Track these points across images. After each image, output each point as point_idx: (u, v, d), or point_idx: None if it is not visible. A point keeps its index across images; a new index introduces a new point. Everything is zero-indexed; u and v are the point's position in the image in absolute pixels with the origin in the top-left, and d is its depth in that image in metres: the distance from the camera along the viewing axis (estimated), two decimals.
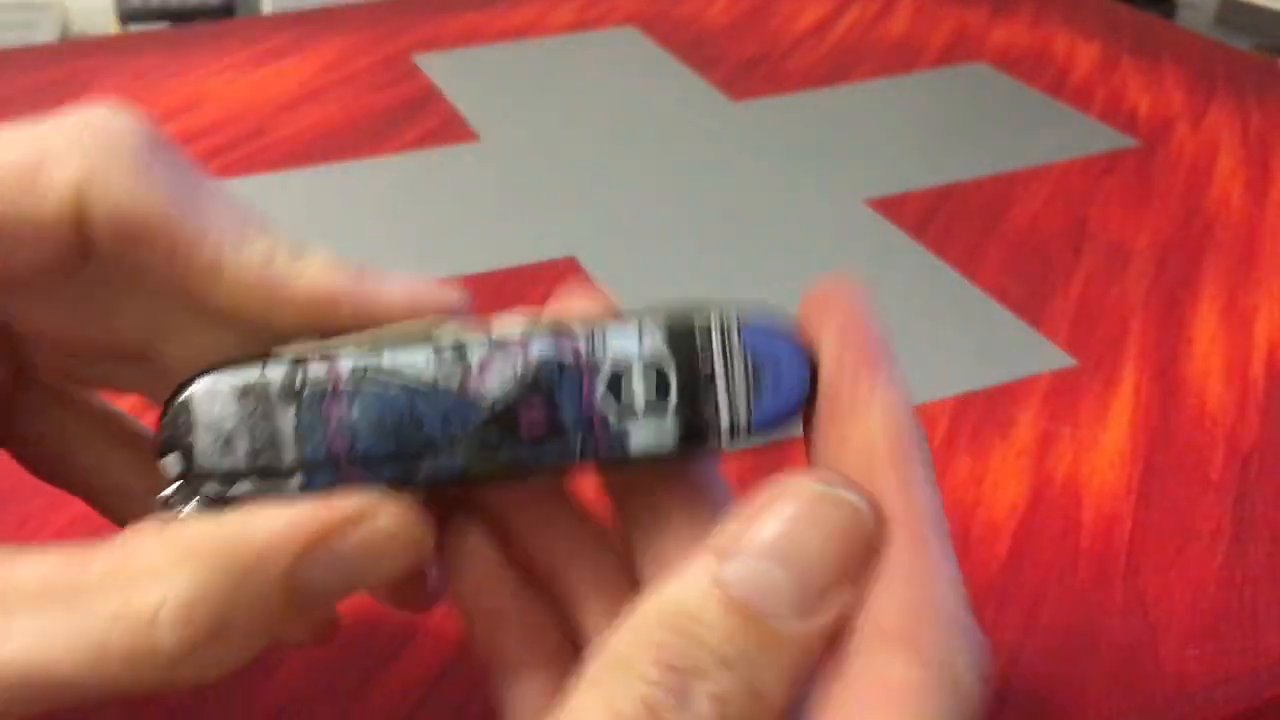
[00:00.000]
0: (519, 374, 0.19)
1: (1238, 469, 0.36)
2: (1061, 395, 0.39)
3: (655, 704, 0.16)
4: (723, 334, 0.19)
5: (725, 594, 0.16)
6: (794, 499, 0.17)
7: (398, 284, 0.21)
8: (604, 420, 0.19)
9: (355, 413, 0.19)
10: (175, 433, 0.19)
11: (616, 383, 0.19)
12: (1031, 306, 0.44)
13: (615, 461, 0.19)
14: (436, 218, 0.50)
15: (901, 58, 0.68)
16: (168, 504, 0.19)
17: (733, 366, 0.19)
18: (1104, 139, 0.58)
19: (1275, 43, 2.11)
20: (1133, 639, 0.30)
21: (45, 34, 1.97)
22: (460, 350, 0.19)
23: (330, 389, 0.19)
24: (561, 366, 0.19)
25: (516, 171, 0.54)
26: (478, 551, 0.20)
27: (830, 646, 0.17)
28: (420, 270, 0.46)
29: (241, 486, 0.19)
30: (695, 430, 0.19)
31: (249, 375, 0.19)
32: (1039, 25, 0.73)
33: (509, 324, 0.19)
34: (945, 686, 0.17)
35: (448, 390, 0.19)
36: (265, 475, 0.19)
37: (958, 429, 0.38)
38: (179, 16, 2.04)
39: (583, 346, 0.19)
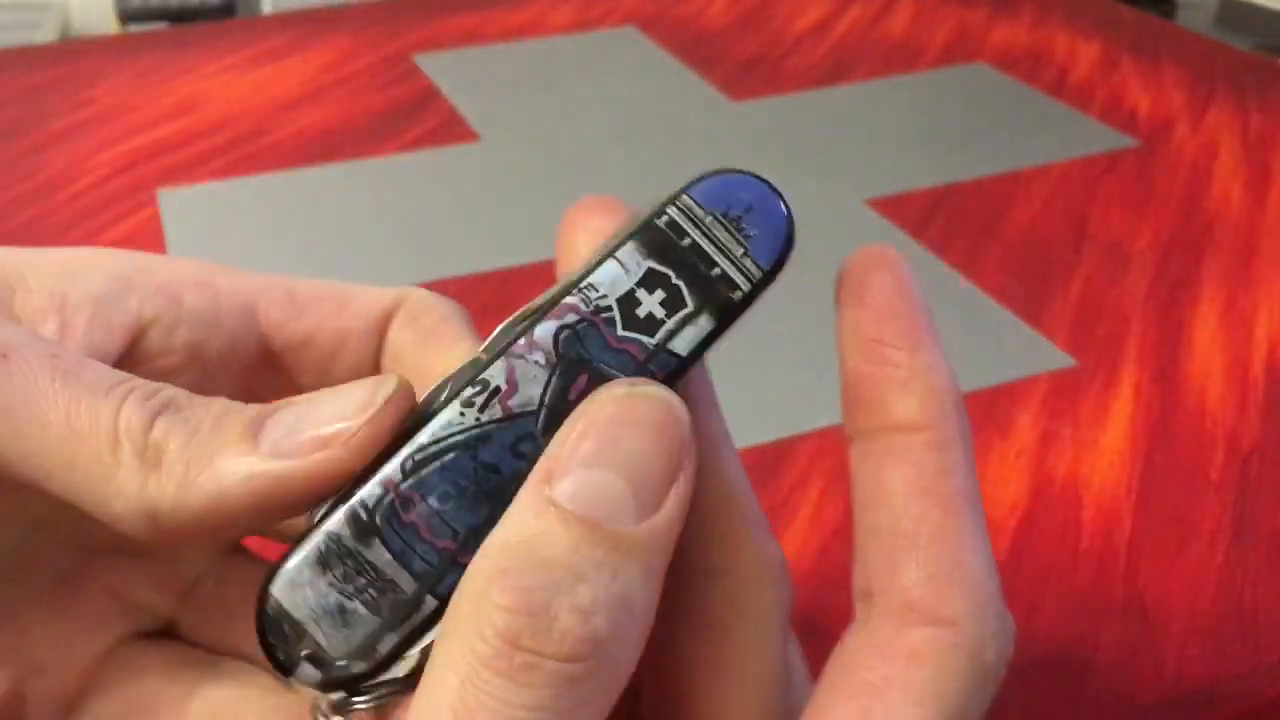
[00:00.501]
0: (546, 362, 0.18)
1: (1238, 469, 0.36)
2: (1061, 395, 0.39)
3: (514, 631, 0.15)
4: (684, 213, 0.19)
5: (561, 512, 0.16)
6: (604, 405, 0.17)
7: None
8: (641, 347, 0.18)
9: (434, 502, 0.18)
10: (289, 642, 0.17)
11: (629, 312, 0.18)
12: (1031, 306, 0.44)
13: (675, 373, 0.19)
14: (436, 218, 0.50)
15: (901, 58, 0.68)
16: (337, 710, 0.18)
17: (712, 233, 0.19)
18: (1104, 139, 0.58)
19: (1275, 43, 2.11)
20: (1133, 639, 0.30)
21: (45, 34, 1.97)
22: (479, 385, 0.18)
23: (394, 499, 0.17)
24: (574, 331, 0.18)
25: (516, 171, 0.54)
26: None
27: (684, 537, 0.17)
28: (419, 270, 0.46)
29: (388, 641, 0.17)
30: (719, 301, 0.19)
31: (313, 544, 0.17)
32: (1039, 25, 0.73)
33: (495, 337, 0.19)
34: (969, 655, 0.17)
35: (496, 423, 0.18)
36: (398, 615, 0.17)
37: None
38: (179, 16, 2.04)
39: (577, 303, 0.18)
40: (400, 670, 0.18)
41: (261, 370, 0.21)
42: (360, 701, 0.18)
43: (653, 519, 0.16)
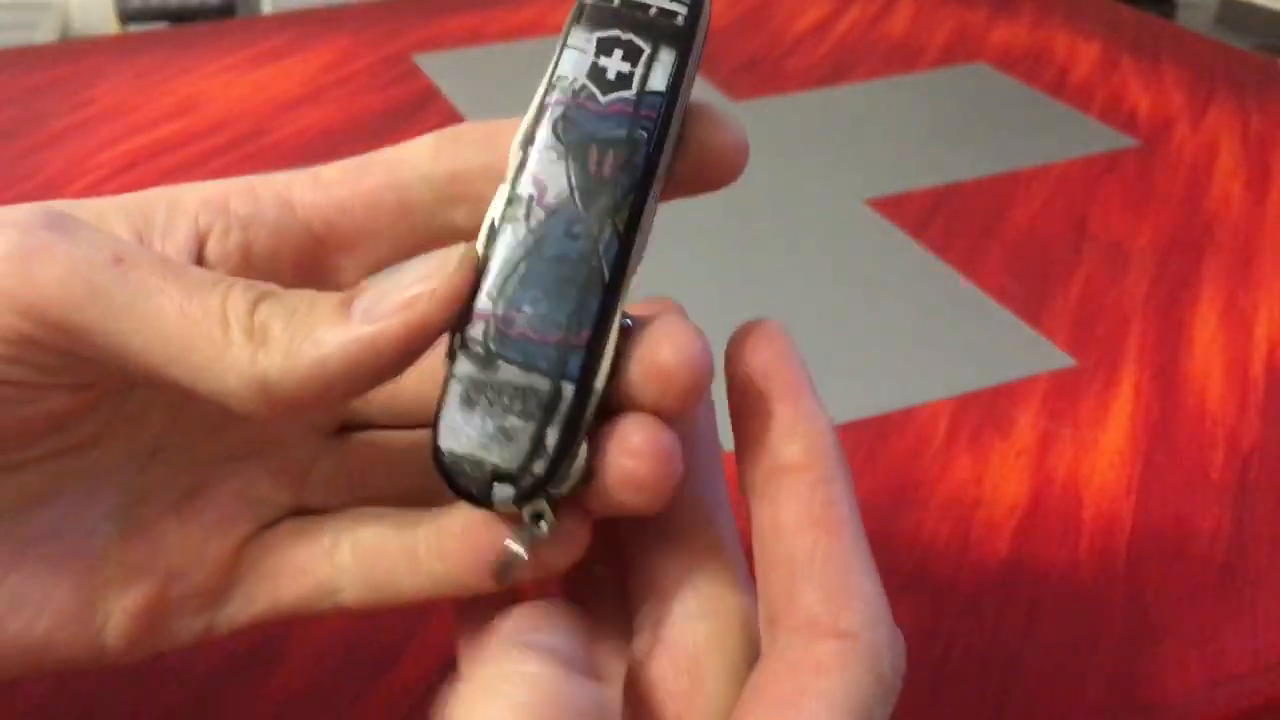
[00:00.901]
0: (558, 155, 0.20)
1: (1238, 469, 0.36)
2: (1061, 395, 0.40)
3: None
4: None
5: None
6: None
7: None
8: (625, 101, 0.20)
9: (529, 308, 0.20)
10: (472, 477, 0.20)
11: (601, 79, 0.20)
12: (1031, 306, 0.44)
13: (667, 108, 0.20)
14: None
15: (901, 58, 0.68)
16: (539, 517, 0.20)
17: None
18: (1104, 139, 0.58)
19: (1275, 43, 2.11)
20: (1133, 639, 0.30)
21: (45, 34, 1.97)
22: (514, 201, 0.20)
23: (496, 324, 0.20)
24: (565, 118, 0.20)
25: None
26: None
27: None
28: None
29: (551, 435, 0.19)
30: (669, 33, 0.21)
31: (453, 393, 0.20)
32: (1039, 25, 0.73)
33: (509, 164, 0.20)
34: (869, 664, 0.18)
35: (543, 222, 0.20)
36: (549, 410, 0.20)
37: (958, 429, 0.38)
38: (179, 16, 2.04)
39: (557, 95, 0.20)
40: (580, 461, 0.20)
41: (309, 258, 0.22)
42: (555, 492, 0.20)
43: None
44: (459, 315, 0.20)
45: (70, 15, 2.12)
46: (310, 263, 0.22)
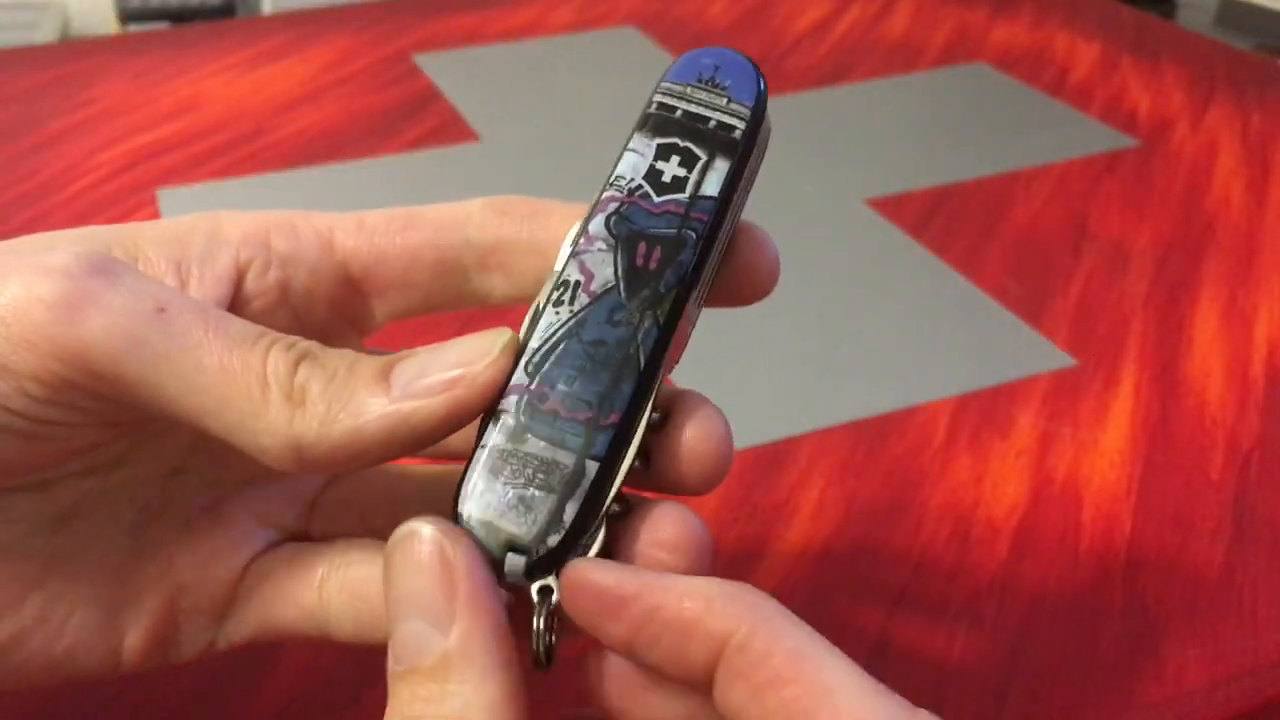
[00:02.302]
0: (608, 246, 0.21)
1: (1238, 469, 0.36)
2: (1061, 395, 0.40)
3: None
4: (667, 94, 0.22)
5: (395, 675, 0.19)
6: (387, 564, 0.19)
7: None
8: (678, 203, 0.21)
9: (563, 386, 0.20)
10: (489, 544, 0.19)
11: (657, 182, 0.21)
12: (1031, 306, 0.44)
13: (717, 214, 0.21)
14: None
15: (901, 58, 0.68)
16: (546, 593, 0.20)
17: (695, 97, 0.22)
18: (1104, 139, 0.58)
19: (1275, 43, 2.11)
20: (1133, 639, 0.30)
21: (45, 34, 1.97)
22: (562, 285, 0.20)
23: (530, 398, 0.20)
24: (619, 214, 0.21)
25: (516, 171, 0.54)
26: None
27: None
28: None
29: (570, 510, 0.20)
30: (725, 143, 0.21)
31: (481, 460, 0.20)
32: (1039, 25, 0.73)
33: (559, 256, 0.21)
34: None
35: (586, 307, 0.20)
36: (570, 485, 0.20)
37: (958, 429, 0.38)
38: (179, 16, 2.04)
39: (613, 193, 0.21)
40: (595, 539, 0.20)
41: (343, 299, 0.23)
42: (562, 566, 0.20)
43: (452, 632, 0.18)
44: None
45: (70, 15, 2.12)
46: (344, 302, 0.23)
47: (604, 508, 0.20)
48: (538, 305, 0.20)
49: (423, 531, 0.19)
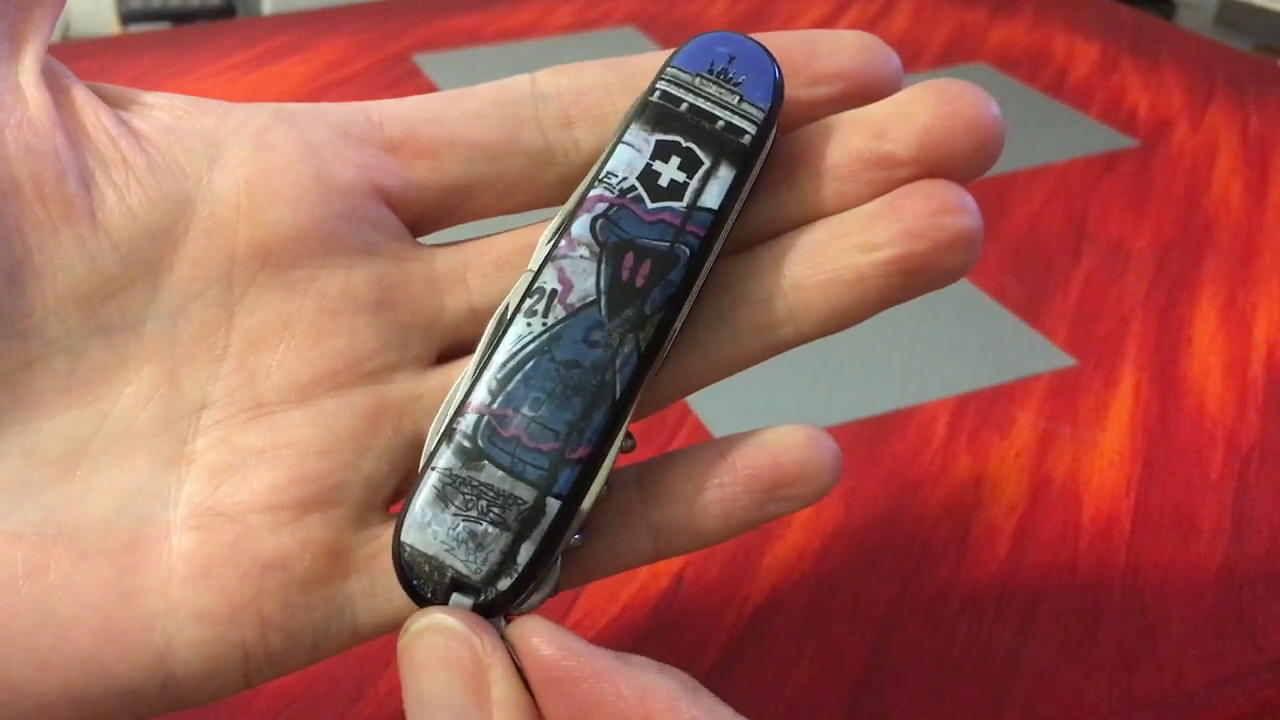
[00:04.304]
0: (591, 254, 0.19)
1: (1238, 469, 0.36)
2: (1061, 395, 0.40)
3: None
4: (673, 82, 0.19)
5: None
6: (401, 657, 0.18)
7: None
8: (674, 213, 0.19)
9: (528, 410, 0.18)
10: (432, 580, 0.18)
11: (652, 185, 0.19)
12: (1031, 306, 0.44)
13: (714, 226, 0.19)
14: None
15: (901, 58, 0.68)
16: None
17: (705, 90, 0.19)
18: (1104, 139, 0.58)
19: (1275, 43, 2.11)
20: (1133, 639, 0.30)
21: None
22: (536, 294, 0.18)
23: (490, 419, 0.18)
24: (607, 218, 0.19)
25: None
26: None
27: None
28: None
29: (525, 552, 0.18)
30: (732, 149, 0.19)
31: (428, 484, 0.18)
32: (1039, 25, 0.73)
33: (537, 252, 0.19)
34: None
35: (561, 322, 0.18)
36: (527, 524, 0.18)
37: (958, 429, 0.38)
38: (179, 17, 2.04)
39: (602, 192, 0.19)
40: (548, 582, 0.18)
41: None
42: (515, 609, 0.18)
43: None
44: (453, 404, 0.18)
45: (70, 16, 2.12)
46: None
47: (560, 547, 0.18)
48: (506, 308, 0.19)
49: (450, 625, 0.17)
